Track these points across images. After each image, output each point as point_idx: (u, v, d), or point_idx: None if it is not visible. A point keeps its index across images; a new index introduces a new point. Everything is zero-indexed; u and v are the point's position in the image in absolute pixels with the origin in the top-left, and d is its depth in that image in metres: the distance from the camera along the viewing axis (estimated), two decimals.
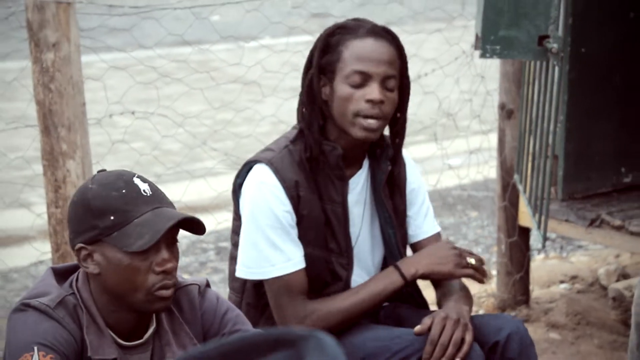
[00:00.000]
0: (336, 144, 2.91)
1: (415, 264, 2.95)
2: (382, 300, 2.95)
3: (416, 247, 3.13)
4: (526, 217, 4.59)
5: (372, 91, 2.85)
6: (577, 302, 4.75)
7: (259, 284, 2.97)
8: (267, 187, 2.89)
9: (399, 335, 2.90)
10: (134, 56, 5.18)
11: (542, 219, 4.08)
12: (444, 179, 5.92)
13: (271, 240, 2.89)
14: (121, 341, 2.44)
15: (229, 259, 3.08)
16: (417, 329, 2.87)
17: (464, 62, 5.41)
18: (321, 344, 1.42)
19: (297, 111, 2.98)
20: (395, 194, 3.06)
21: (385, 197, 3.02)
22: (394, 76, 2.89)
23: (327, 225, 2.94)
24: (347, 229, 2.97)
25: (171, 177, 5.73)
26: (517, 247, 4.79)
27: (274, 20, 5.77)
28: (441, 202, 6.71)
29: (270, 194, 2.88)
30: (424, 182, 3.18)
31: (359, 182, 3.00)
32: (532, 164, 4.31)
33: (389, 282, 2.94)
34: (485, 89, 5.46)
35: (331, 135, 2.93)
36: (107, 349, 2.39)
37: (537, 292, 5.00)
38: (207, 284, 2.59)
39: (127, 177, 2.42)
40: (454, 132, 6.20)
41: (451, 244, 3.02)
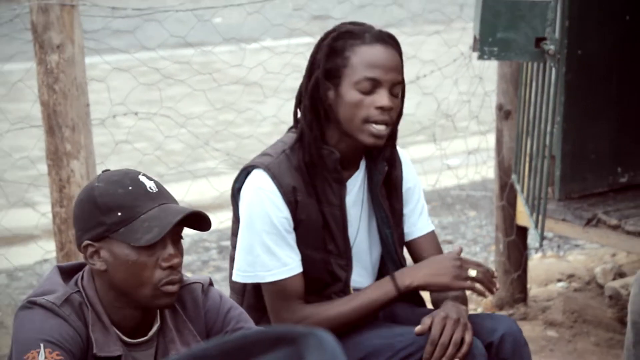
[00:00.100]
0: (334, 149, 2.90)
1: (411, 275, 2.92)
2: (375, 309, 2.93)
3: (411, 244, 3.12)
4: (524, 216, 4.59)
5: (381, 98, 2.83)
6: (574, 300, 4.75)
7: (259, 285, 2.97)
8: (264, 193, 2.88)
9: (401, 333, 2.91)
10: (137, 58, 5.19)
11: (540, 218, 4.09)
12: (442, 179, 5.92)
13: (267, 245, 2.88)
14: (126, 338, 2.45)
15: (230, 261, 3.09)
16: (418, 329, 2.87)
17: (463, 64, 5.42)
18: (321, 342, 1.42)
19: (293, 115, 2.96)
20: (391, 194, 3.05)
21: (382, 198, 3.01)
22: (400, 82, 2.89)
23: (325, 227, 2.93)
24: (345, 231, 2.96)
25: (174, 177, 5.74)
26: (515, 246, 4.79)
27: (275, 22, 5.78)
28: (440, 201, 6.72)
29: (267, 199, 2.87)
30: (419, 181, 3.17)
31: (356, 183, 2.99)
32: (529, 164, 4.31)
33: (382, 293, 2.91)
34: (483, 90, 5.47)
35: (331, 139, 2.91)
36: (112, 346, 2.40)
37: (534, 291, 5.01)
38: (210, 283, 2.60)
39: (133, 175, 2.43)
40: (453, 132, 6.20)
41: (455, 254, 2.95)
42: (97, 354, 2.38)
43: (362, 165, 3.01)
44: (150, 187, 2.42)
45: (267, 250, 2.89)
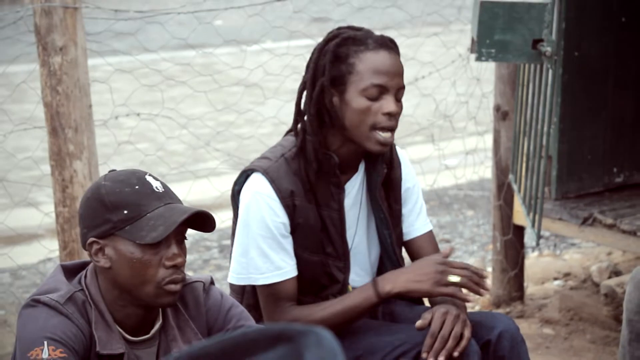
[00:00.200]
0: (333, 154, 2.88)
1: (392, 281, 2.86)
2: (358, 314, 2.89)
3: (409, 244, 3.11)
4: (521, 215, 4.59)
5: (388, 104, 2.82)
6: (570, 298, 4.76)
7: None
8: (261, 197, 2.87)
9: (398, 330, 2.91)
10: (139, 59, 5.19)
11: (536, 217, 4.09)
12: (440, 179, 5.93)
13: (262, 249, 2.88)
14: (128, 336, 2.45)
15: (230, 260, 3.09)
16: (419, 324, 2.86)
17: (460, 65, 5.42)
18: (320, 340, 1.42)
19: (294, 121, 2.93)
20: (390, 195, 3.04)
21: (380, 199, 3.00)
22: (403, 87, 2.87)
23: (323, 230, 2.93)
24: (343, 233, 2.95)
25: (175, 177, 5.74)
26: (512, 245, 4.79)
27: (276, 24, 5.78)
28: (438, 201, 6.72)
29: (264, 204, 2.86)
30: (418, 181, 3.16)
31: (355, 185, 2.98)
32: (526, 164, 4.31)
33: (364, 298, 2.87)
34: (481, 91, 5.47)
35: (332, 144, 2.89)
36: (115, 344, 2.40)
37: (531, 289, 5.01)
38: (212, 281, 2.60)
39: (140, 175, 2.44)
40: (451, 133, 6.21)
41: (439, 258, 2.87)
42: (100, 351, 2.38)
43: (361, 167, 3.00)
44: (156, 187, 2.42)
45: (262, 253, 2.88)
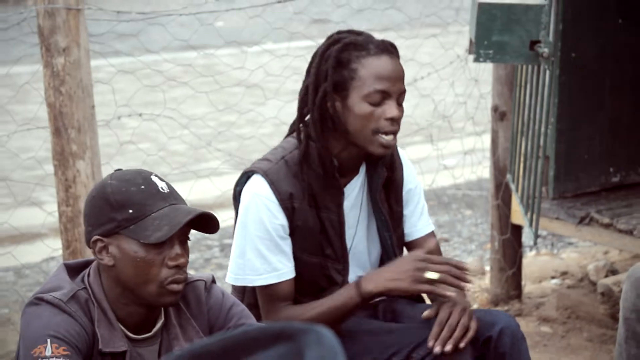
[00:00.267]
0: (334, 158, 2.87)
1: (374, 281, 2.82)
2: (344, 314, 2.86)
3: (410, 245, 3.10)
4: (518, 215, 4.59)
5: (391, 109, 2.81)
6: (567, 297, 4.76)
7: None
8: (260, 199, 2.86)
9: (391, 330, 2.90)
10: (141, 60, 5.19)
11: (534, 217, 4.09)
12: (439, 179, 5.93)
13: (259, 250, 2.87)
14: (131, 334, 2.45)
15: None
16: (426, 314, 2.86)
17: (459, 66, 5.42)
18: (320, 338, 1.42)
19: (297, 126, 2.91)
20: (391, 197, 3.03)
21: (381, 201, 2.99)
22: (405, 91, 2.87)
23: (322, 232, 2.92)
24: (342, 235, 2.94)
25: (177, 177, 5.73)
26: (510, 244, 4.79)
27: (276, 26, 5.78)
28: (437, 201, 6.72)
29: (263, 206, 2.86)
30: (419, 182, 3.16)
31: (355, 187, 2.98)
32: (524, 164, 4.31)
33: (347, 298, 2.84)
34: (479, 92, 5.47)
35: (334, 148, 2.88)
36: (118, 342, 2.40)
37: (529, 288, 5.01)
38: (213, 280, 2.60)
39: (146, 175, 2.44)
40: (449, 133, 6.21)
41: (417, 255, 2.82)
42: (102, 349, 2.39)
43: (362, 169, 2.99)
44: (162, 188, 2.43)
45: (259, 254, 2.88)
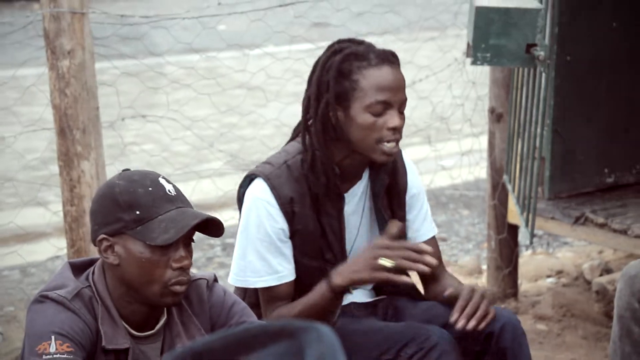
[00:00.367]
0: (335, 165, 2.86)
1: (341, 274, 2.79)
2: (322, 309, 2.82)
3: None
4: (515, 215, 4.59)
5: (393, 119, 2.79)
6: (563, 295, 4.75)
7: None
8: (261, 203, 2.86)
9: (381, 328, 2.88)
10: (145, 63, 5.19)
11: (530, 216, 4.09)
12: (437, 179, 5.93)
13: (260, 252, 2.87)
14: (134, 332, 2.45)
15: None
16: (448, 293, 2.86)
17: (456, 69, 5.42)
18: (320, 335, 1.43)
19: (302, 134, 2.89)
20: (393, 202, 3.02)
21: (383, 207, 2.98)
22: (406, 99, 2.85)
23: (323, 237, 2.91)
24: (342, 240, 2.94)
25: (180, 177, 5.73)
26: (506, 243, 4.79)
27: (277, 29, 5.77)
28: (435, 201, 6.71)
29: (263, 209, 2.86)
30: (423, 187, 3.14)
31: (358, 193, 2.96)
32: (520, 165, 4.31)
33: (320, 295, 2.82)
34: (476, 94, 5.47)
35: (337, 155, 2.87)
36: (121, 339, 2.40)
37: (525, 286, 5.01)
38: (215, 279, 2.60)
39: (153, 177, 2.43)
40: (447, 134, 6.21)
41: (374, 245, 2.76)
42: (105, 346, 2.39)
43: (365, 175, 2.98)
44: (169, 190, 2.42)
45: (260, 257, 2.88)
